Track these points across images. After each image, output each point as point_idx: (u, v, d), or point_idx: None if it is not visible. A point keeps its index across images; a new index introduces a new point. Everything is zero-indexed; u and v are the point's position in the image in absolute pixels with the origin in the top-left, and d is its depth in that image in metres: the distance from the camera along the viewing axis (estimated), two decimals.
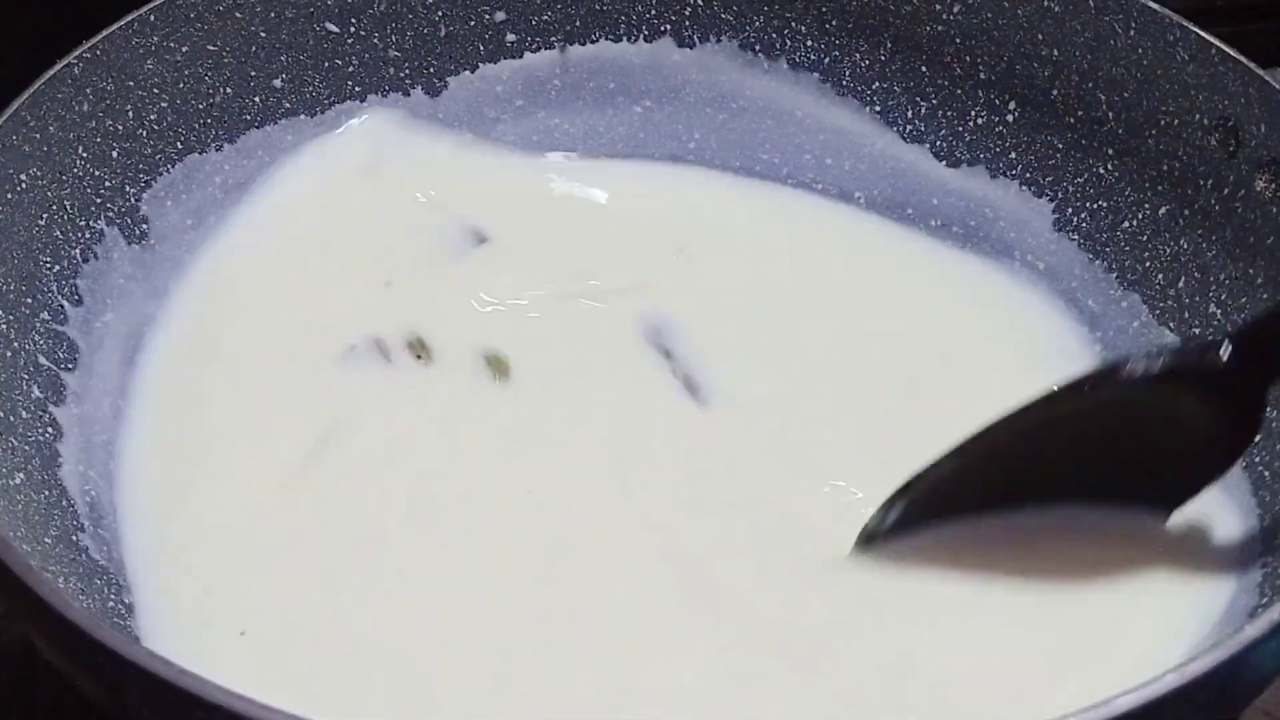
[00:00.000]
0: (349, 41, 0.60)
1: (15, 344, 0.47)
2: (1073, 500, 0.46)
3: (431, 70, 0.61)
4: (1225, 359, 0.43)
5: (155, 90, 0.54)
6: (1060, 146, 0.58)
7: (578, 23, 0.62)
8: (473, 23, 0.61)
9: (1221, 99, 0.52)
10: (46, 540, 0.43)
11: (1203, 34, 0.52)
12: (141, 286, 0.54)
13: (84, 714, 0.47)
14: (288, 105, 0.59)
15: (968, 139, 0.60)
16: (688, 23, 0.62)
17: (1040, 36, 0.57)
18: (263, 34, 0.57)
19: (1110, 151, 0.57)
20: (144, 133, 0.54)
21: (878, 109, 0.62)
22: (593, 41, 0.63)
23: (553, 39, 0.62)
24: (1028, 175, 0.59)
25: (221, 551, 0.47)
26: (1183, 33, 0.53)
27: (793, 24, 0.62)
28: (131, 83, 0.53)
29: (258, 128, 0.58)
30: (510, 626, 0.45)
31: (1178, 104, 0.54)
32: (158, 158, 0.55)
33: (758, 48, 0.62)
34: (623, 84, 0.63)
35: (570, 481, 0.49)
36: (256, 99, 0.58)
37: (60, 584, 0.40)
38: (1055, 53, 0.57)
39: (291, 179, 0.59)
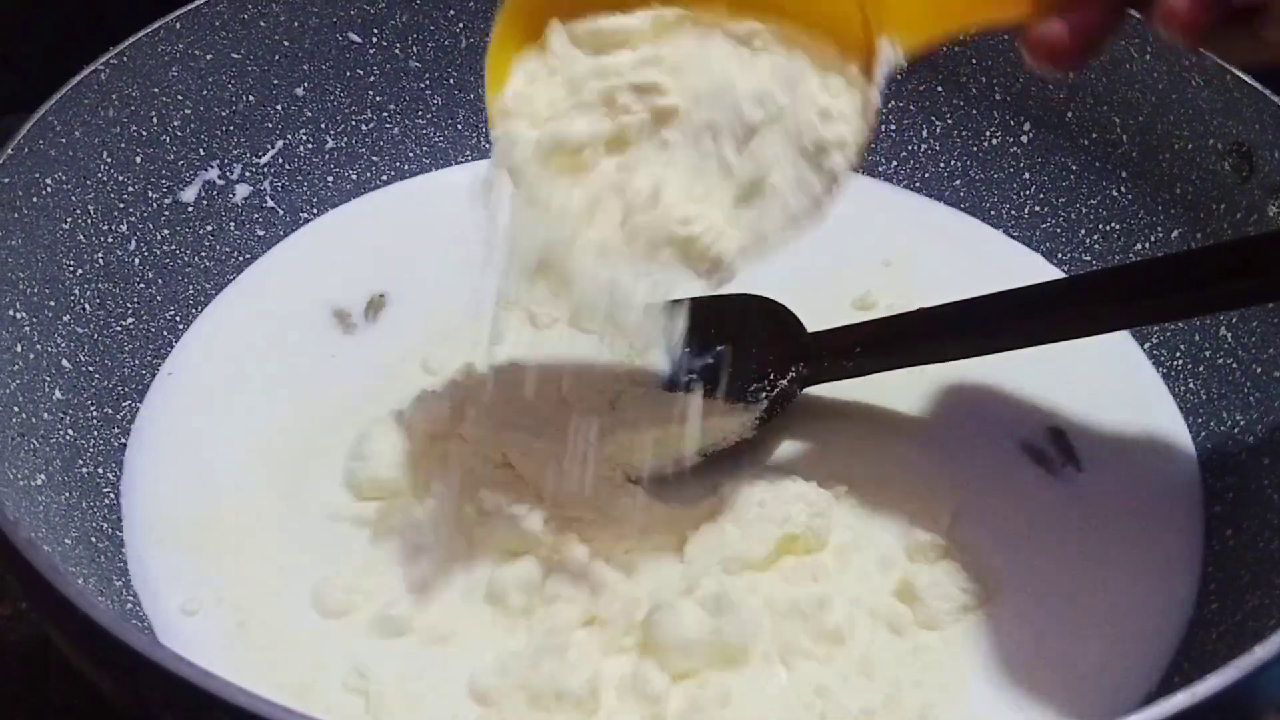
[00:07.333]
0: (370, 52, 0.60)
1: (38, 346, 0.47)
2: None
3: (451, 81, 0.62)
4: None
5: (179, 97, 0.55)
6: (1074, 168, 0.59)
7: None
8: None
9: (1236, 124, 0.52)
10: (66, 541, 0.43)
11: (1218, 60, 0.52)
12: (162, 291, 0.54)
13: (94, 712, 0.48)
14: (309, 114, 0.59)
15: (982, 158, 0.61)
16: None
17: None
18: (286, 43, 0.58)
19: (1124, 174, 0.57)
20: (167, 139, 0.55)
21: (893, 128, 0.62)
22: None
23: None
24: (1041, 195, 0.60)
25: (237, 554, 0.47)
26: (1198, 58, 0.53)
27: None
28: (156, 89, 0.54)
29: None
30: None
31: (1192, 128, 0.54)
32: (180, 164, 0.56)
33: None
34: None
35: None
36: (278, 107, 0.59)
37: (80, 584, 0.40)
38: (1070, 75, 0.57)
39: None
